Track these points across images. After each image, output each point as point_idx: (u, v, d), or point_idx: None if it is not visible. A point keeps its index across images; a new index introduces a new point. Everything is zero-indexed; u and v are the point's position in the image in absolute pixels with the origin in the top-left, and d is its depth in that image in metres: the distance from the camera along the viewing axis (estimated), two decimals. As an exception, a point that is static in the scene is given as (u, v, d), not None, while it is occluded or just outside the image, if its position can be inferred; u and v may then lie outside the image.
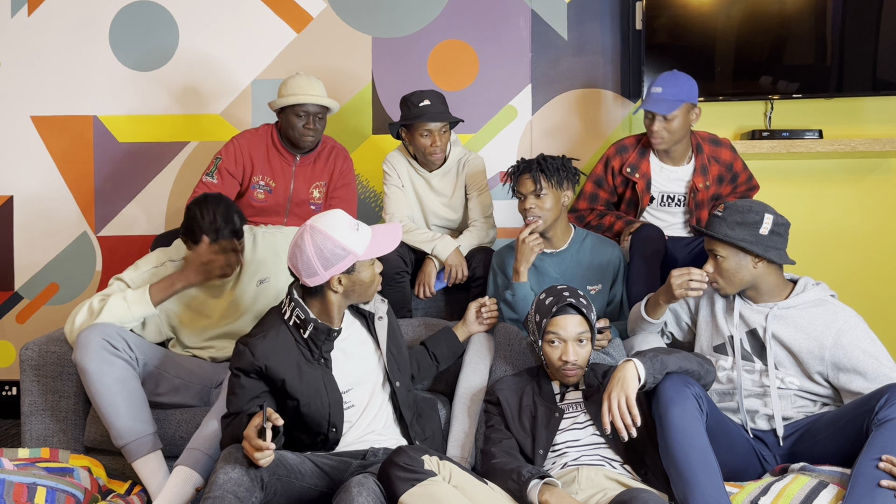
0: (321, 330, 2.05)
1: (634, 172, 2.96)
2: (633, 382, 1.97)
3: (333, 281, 2.04)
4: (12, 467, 2.13)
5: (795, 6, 3.28)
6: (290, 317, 2.07)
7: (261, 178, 3.00)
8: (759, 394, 2.20)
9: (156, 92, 3.60)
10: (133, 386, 2.29)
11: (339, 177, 3.11)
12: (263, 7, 3.57)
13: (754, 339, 2.23)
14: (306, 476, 1.96)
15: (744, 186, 3.08)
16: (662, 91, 2.83)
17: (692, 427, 1.93)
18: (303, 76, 2.97)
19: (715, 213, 2.23)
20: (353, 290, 2.08)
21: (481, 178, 3.06)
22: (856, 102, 3.41)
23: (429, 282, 2.91)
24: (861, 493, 1.81)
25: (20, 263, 3.64)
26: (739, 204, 2.21)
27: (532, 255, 2.58)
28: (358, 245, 2.03)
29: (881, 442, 1.85)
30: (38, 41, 3.61)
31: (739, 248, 2.18)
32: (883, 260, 3.49)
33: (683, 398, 1.95)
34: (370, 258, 2.07)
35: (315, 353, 2.07)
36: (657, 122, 2.84)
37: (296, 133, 2.94)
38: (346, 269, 2.03)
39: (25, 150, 3.63)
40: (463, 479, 1.88)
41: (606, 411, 1.97)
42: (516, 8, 3.52)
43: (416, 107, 2.90)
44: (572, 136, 3.53)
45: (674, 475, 1.93)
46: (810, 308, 2.20)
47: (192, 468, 2.09)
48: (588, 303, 2.22)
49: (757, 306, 2.25)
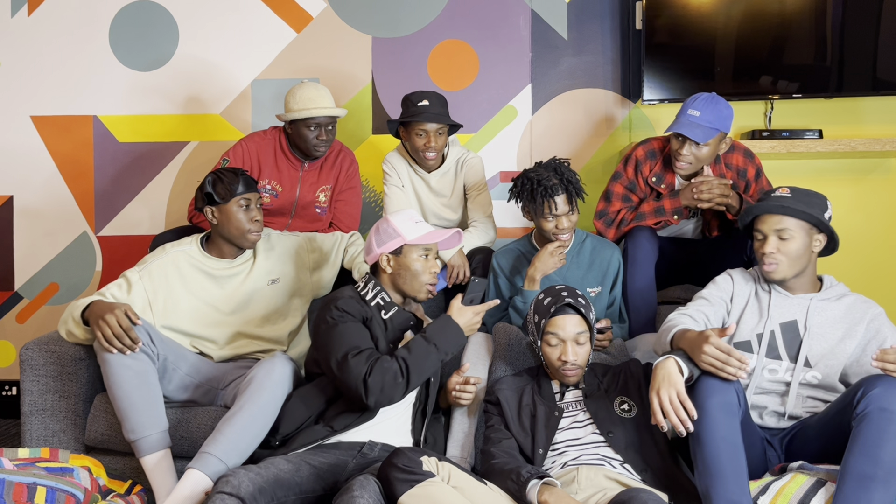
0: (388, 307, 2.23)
1: (660, 183, 2.81)
2: (678, 377, 1.97)
3: (382, 259, 2.24)
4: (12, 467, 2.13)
5: (795, 6, 3.28)
6: (374, 298, 2.23)
7: (267, 183, 3.00)
8: (775, 391, 2.20)
9: (156, 92, 3.61)
10: (151, 381, 2.29)
11: (345, 180, 3.11)
12: (263, 7, 3.57)
13: (789, 332, 2.22)
14: (304, 484, 1.97)
15: None
16: (700, 116, 2.61)
17: (728, 420, 1.93)
18: (309, 86, 2.94)
19: (781, 195, 2.21)
20: (400, 274, 2.23)
21: (480, 178, 3.06)
22: (856, 102, 3.41)
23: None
24: (849, 491, 1.81)
25: (20, 263, 3.64)
26: (803, 188, 2.22)
27: (553, 269, 2.57)
28: (410, 231, 2.22)
29: (862, 438, 1.85)
30: (38, 41, 3.61)
31: (815, 225, 2.19)
32: (883, 260, 3.49)
33: (726, 390, 1.95)
34: (422, 247, 2.22)
35: (389, 335, 2.22)
36: (687, 146, 2.64)
37: (308, 145, 2.92)
38: (393, 249, 2.22)
39: (25, 150, 3.63)
40: (462, 480, 1.88)
41: (658, 409, 1.95)
42: (516, 8, 3.52)
43: (414, 106, 2.90)
44: (572, 136, 3.53)
45: (700, 464, 1.92)
46: (844, 299, 2.25)
47: (203, 472, 2.08)
48: (587, 302, 2.22)
49: (795, 297, 2.25)
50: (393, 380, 2.05)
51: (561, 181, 2.52)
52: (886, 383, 1.89)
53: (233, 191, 2.48)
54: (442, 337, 2.12)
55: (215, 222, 2.51)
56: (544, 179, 2.53)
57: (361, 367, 2.06)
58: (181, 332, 2.53)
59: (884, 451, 1.82)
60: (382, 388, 2.05)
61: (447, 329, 2.14)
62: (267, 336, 2.59)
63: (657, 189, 2.82)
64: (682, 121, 2.63)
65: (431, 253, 2.26)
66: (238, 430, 2.13)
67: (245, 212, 2.49)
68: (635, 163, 2.84)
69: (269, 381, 2.19)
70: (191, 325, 2.52)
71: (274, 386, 2.19)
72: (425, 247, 2.24)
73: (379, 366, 2.06)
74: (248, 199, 2.50)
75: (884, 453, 1.82)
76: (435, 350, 2.10)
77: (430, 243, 2.24)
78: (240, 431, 2.13)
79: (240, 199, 2.48)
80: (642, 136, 3.48)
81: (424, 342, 2.11)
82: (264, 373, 2.21)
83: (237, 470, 1.87)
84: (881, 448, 1.83)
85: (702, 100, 2.64)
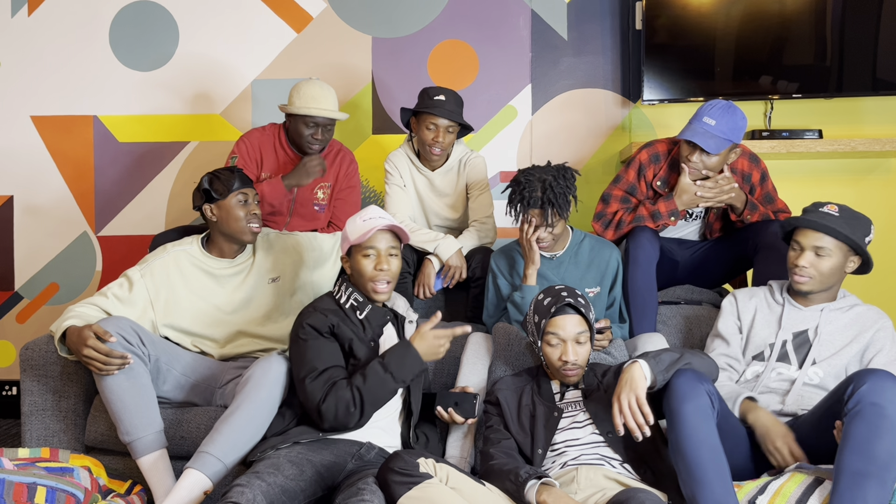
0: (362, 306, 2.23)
1: (665, 186, 2.78)
2: (641, 382, 1.98)
3: (344, 261, 2.29)
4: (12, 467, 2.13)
5: (795, 6, 3.28)
6: (347, 300, 2.24)
7: (270, 177, 3.01)
8: (779, 389, 2.22)
9: (156, 92, 3.61)
10: (143, 382, 2.29)
11: (344, 179, 3.11)
12: (263, 7, 3.57)
13: (800, 340, 2.28)
14: (307, 490, 1.97)
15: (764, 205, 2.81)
16: (715, 126, 2.55)
17: (704, 424, 1.92)
18: (317, 84, 2.95)
19: (828, 212, 2.24)
20: (353, 276, 2.25)
21: (483, 177, 3.06)
22: (856, 102, 3.41)
23: (428, 283, 2.91)
24: (844, 489, 1.81)
25: (20, 263, 3.65)
26: (850, 209, 2.27)
27: (536, 255, 2.56)
28: (354, 231, 2.22)
29: (855, 434, 1.85)
30: (38, 41, 3.61)
31: (855, 250, 2.25)
32: (883, 260, 3.49)
33: (697, 394, 1.95)
34: (363, 247, 2.20)
35: (368, 333, 2.22)
36: (697, 154, 2.60)
37: (303, 141, 2.95)
38: (345, 251, 2.27)
39: (25, 150, 3.63)
40: (460, 481, 1.88)
41: (618, 413, 1.98)
42: (516, 8, 3.52)
43: (430, 98, 2.91)
44: (572, 136, 3.53)
45: (683, 471, 1.92)
46: (854, 308, 2.31)
47: (201, 472, 2.09)
48: (586, 302, 2.22)
49: (808, 309, 2.32)
50: (346, 409, 2.06)
51: (543, 195, 2.46)
52: (876, 377, 1.89)
53: (230, 186, 2.50)
54: (399, 366, 2.10)
55: (214, 219, 2.52)
56: (528, 189, 2.48)
57: (317, 393, 2.09)
58: (182, 331, 2.53)
59: (877, 447, 1.82)
60: (336, 416, 2.08)
61: (405, 357, 2.11)
62: (268, 335, 2.59)
63: (661, 193, 2.79)
64: (696, 128, 2.58)
65: (376, 251, 2.20)
66: (236, 430, 2.13)
67: (243, 206, 2.52)
68: (638, 166, 2.80)
69: (266, 379, 2.19)
70: (192, 324, 2.53)
71: (271, 385, 2.19)
72: (368, 246, 2.20)
73: (333, 393, 2.07)
74: (246, 195, 2.53)
75: (877, 449, 1.82)
76: (391, 379, 2.09)
77: (364, 241, 2.18)
78: (237, 431, 2.13)
79: (237, 193, 2.51)
80: (642, 136, 3.49)
81: (381, 370, 2.09)
82: (261, 372, 2.21)
83: (251, 480, 1.87)
84: (874, 444, 1.82)
85: (718, 108, 2.58)
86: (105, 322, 2.30)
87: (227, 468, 2.11)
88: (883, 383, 1.87)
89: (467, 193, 3.08)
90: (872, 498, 1.79)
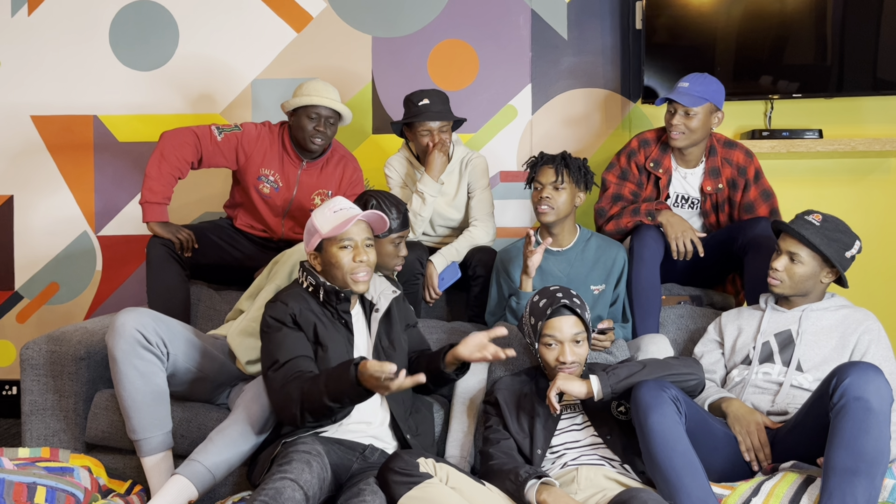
0: (329, 291, 2.15)
1: (658, 167, 2.89)
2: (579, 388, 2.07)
3: (311, 258, 2.18)
4: (12, 467, 2.14)
5: (796, 6, 3.28)
6: (307, 285, 2.18)
7: (271, 174, 2.99)
8: (769, 390, 2.23)
9: (156, 92, 3.61)
10: (157, 382, 2.28)
11: (347, 186, 3.09)
12: (263, 7, 3.57)
13: (783, 340, 2.30)
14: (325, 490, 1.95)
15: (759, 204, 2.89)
16: (689, 86, 2.77)
17: (672, 431, 1.94)
18: (319, 81, 2.95)
19: (810, 220, 2.27)
20: (327, 270, 2.16)
21: (483, 176, 3.06)
22: (856, 102, 3.41)
23: (432, 284, 2.90)
24: (833, 487, 1.81)
25: (20, 263, 3.65)
26: (835, 220, 2.28)
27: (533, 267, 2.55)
28: (325, 224, 2.12)
29: (841, 431, 1.85)
30: (38, 41, 3.61)
31: (828, 262, 2.25)
32: (883, 259, 3.49)
33: (660, 402, 1.96)
34: (338, 239, 2.12)
35: (334, 314, 2.17)
36: (678, 116, 2.77)
37: (305, 135, 2.90)
38: (315, 246, 2.16)
39: (25, 149, 3.63)
40: (460, 481, 1.89)
41: None
42: (516, 8, 3.52)
43: (415, 106, 2.90)
44: (572, 136, 3.53)
45: (659, 480, 1.94)
46: (842, 310, 2.31)
47: (189, 479, 2.08)
48: (581, 302, 2.22)
49: (790, 312, 2.33)
50: (289, 409, 2.03)
51: (560, 157, 2.62)
52: (858, 370, 1.89)
53: None
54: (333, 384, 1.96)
55: None
56: (547, 154, 2.66)
57: (275, 385, 2.08)
58: None
59: (864, 444, 1.82)
60: (280, 412, 2.08)
61: (340, 380, 1.94)
62: None
63: (655, 173, 2.89)
64: (673, 91, 2.80)
65: (353, 242, 2.13)
66: (228, 444, 2.14)
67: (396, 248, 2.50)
68: (629, 151, 2.95)
69: (265, 395, 2.19)
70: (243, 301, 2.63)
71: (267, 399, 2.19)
72: (344, 238, 2.12)
73: (284, 389, 2.04)
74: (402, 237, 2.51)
75: (865, 445, 1.82)
76: (327, 397, 1.97)
77: (339, 234, 2.11)
78: (230, 445, 2.14)
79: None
80: (642, 135, 3.49)
81: (322, 384, 1.98)
82: (261, 386, 2.23)
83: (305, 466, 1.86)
84: (861, 440, 1.82)
85: (692, 75, 2.81)
86: (127, 315, 2.26)
87: (216, 480, 2.11)
88: (866, 375, 1.88)
89: (469, 193, 3.08)
90: (862, 494, 1.80)
